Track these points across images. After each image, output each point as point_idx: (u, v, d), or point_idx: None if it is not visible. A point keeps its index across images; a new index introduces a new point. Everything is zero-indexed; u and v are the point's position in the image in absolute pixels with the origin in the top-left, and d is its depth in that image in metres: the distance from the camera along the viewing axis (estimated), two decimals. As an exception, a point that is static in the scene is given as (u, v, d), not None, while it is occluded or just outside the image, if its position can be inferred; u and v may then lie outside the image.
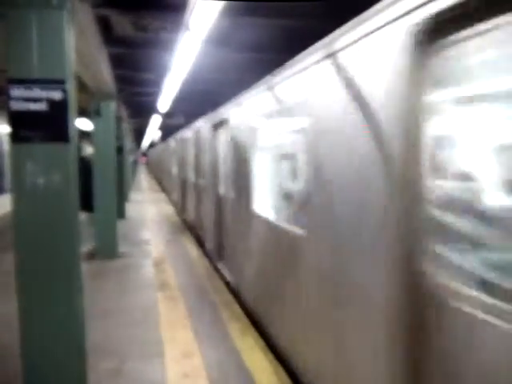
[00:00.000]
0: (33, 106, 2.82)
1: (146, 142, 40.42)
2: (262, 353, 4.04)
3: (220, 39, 5.83)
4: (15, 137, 2.86)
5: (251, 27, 5.77)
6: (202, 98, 11.50)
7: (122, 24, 5.78)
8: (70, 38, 3.01)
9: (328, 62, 2.69)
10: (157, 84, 9.04)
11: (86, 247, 7.89)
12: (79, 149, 8.93)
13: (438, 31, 1.70)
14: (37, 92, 2.82)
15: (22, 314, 2.95)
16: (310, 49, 3.06)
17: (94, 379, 3.41)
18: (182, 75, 6.80)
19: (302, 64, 3.19)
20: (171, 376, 3.65)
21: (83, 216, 7.73)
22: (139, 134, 29.29)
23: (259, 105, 4.57)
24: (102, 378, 3.60)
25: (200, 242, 9.03)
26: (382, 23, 2.11)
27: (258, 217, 4.51)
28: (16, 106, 2.80)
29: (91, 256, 7.68)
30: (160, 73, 7.76)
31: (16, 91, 2.79)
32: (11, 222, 2.96)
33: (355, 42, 2.38)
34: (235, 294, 5.62)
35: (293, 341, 3.51)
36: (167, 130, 22.49)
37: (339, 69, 2.54)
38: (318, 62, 2.87)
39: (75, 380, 3.09)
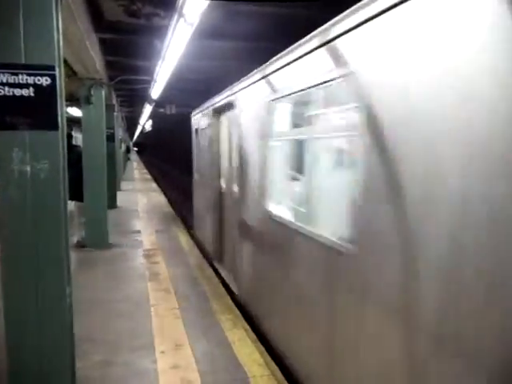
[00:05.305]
0: (19, 92, 2.73)
1: (138, 131, 40.11)
2: (253, 345, 4.02)
3: (213, 27, 5.73)
4: (0, 124, 2.77)
5: (245, 15, 5.68)
6: (195, 88, 11.39)
7: (113, 9, 5.66)
8: (59, 22, 2.91)
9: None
10: (149, 72, 8.92)
11: (76, 237, 7.82)
12: (70, 137, 8.80)
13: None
14: (23, 77, 2.73)
15: (7, 303, 2.89)
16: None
17: (82, 370, 3.38)
18: (174, 63, 6.69)
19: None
20: (161, 367, 3.62)
21: (73, 205, 7.64)
22: (131, 122, 29.06)
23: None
24: (91, 369, 3.56)
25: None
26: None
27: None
28: (1, 91, 2.71)
29: (81, 246, 7.61)
30: (152, 60, 7.64)
31: (1, 76, 2.70)
32: None
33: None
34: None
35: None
36: (158, 120, 22.30)
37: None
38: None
39: (63, 371, 3.04)
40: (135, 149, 67.53)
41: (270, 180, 4.00)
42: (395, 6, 2.07)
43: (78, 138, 9.80)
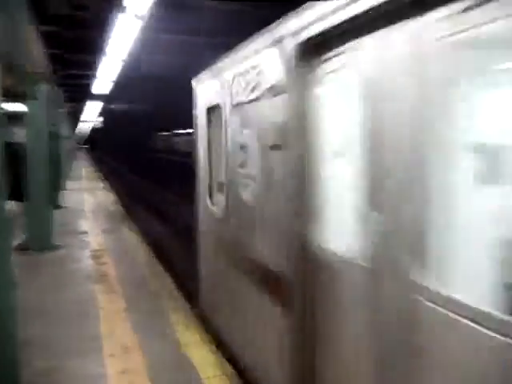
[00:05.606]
0: None
1: (88, 128, 38.72)
2: (207, 346, 3.97)
3: (160, 21, 5.62)
4: None
5: (197, 10, 5.62)
6: (146, 83, 11.15)
7: (58, 1, 5.42)
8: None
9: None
10: (95, 66, 8.64)
11: (17, 240, 7.43)
12: (8, 133, 8.34)
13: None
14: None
15: None
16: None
17: (28, 378, 3.21)
18: (122, 57, 6.51)
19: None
20: (110, 373, 3.51)
21: (13, 205, 7.28)
22: (77, 118, 28.03)
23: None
24: (36, 377, 3.41)
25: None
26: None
27: None
28: None
29: (23, 248, 7.24)
30: (98, 55, 7.40)
31: None
32: None
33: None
34: None
35: None
36: (110, 116, 21.65)
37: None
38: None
39: (6, 378, 2.90)
40: (85, 146, 65.25)
41: None
42: None
43: (16, 134, 9.34)
